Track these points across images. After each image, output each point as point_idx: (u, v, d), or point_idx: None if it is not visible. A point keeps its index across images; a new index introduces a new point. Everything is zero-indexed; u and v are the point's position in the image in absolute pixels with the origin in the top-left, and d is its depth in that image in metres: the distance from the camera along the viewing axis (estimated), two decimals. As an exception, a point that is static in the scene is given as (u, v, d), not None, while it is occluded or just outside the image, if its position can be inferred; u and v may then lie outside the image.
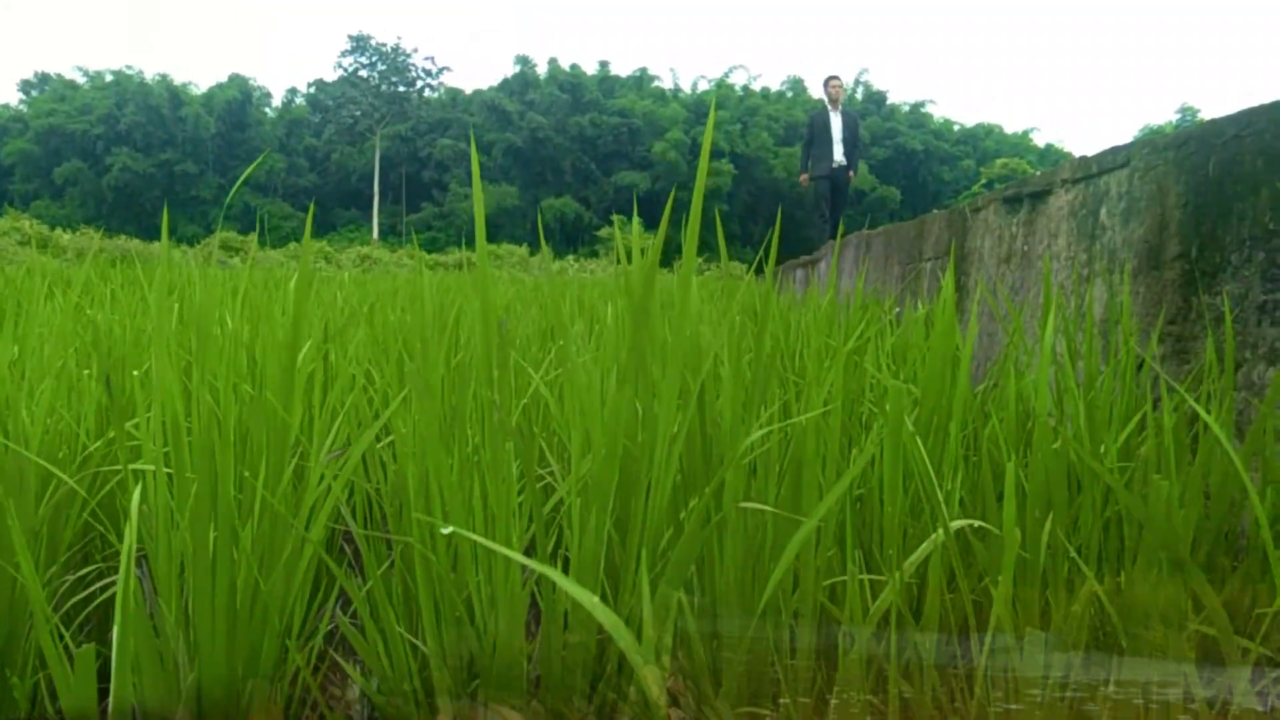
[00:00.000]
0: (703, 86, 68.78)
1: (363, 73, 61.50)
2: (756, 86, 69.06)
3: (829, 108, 11.04)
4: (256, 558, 0.97)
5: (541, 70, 64.87)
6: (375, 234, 57.15)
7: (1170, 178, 2.24)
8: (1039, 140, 73.33)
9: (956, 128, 71.78)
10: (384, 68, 61.65)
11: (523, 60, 64.80)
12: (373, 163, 59.56)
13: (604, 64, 67.00)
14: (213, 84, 64.95)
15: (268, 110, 66.70)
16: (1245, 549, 1.51)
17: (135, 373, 1.35)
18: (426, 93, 63.84)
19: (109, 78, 61.44)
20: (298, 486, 1.26)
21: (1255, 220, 1.86)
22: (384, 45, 61.60)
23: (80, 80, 62.84)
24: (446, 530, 0.54)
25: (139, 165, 55.80)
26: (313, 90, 64.95)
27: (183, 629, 0.99)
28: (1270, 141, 1.85)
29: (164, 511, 1.05)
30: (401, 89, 61.99)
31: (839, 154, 10.92)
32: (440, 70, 64.42)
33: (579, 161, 61.43)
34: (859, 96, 67.10)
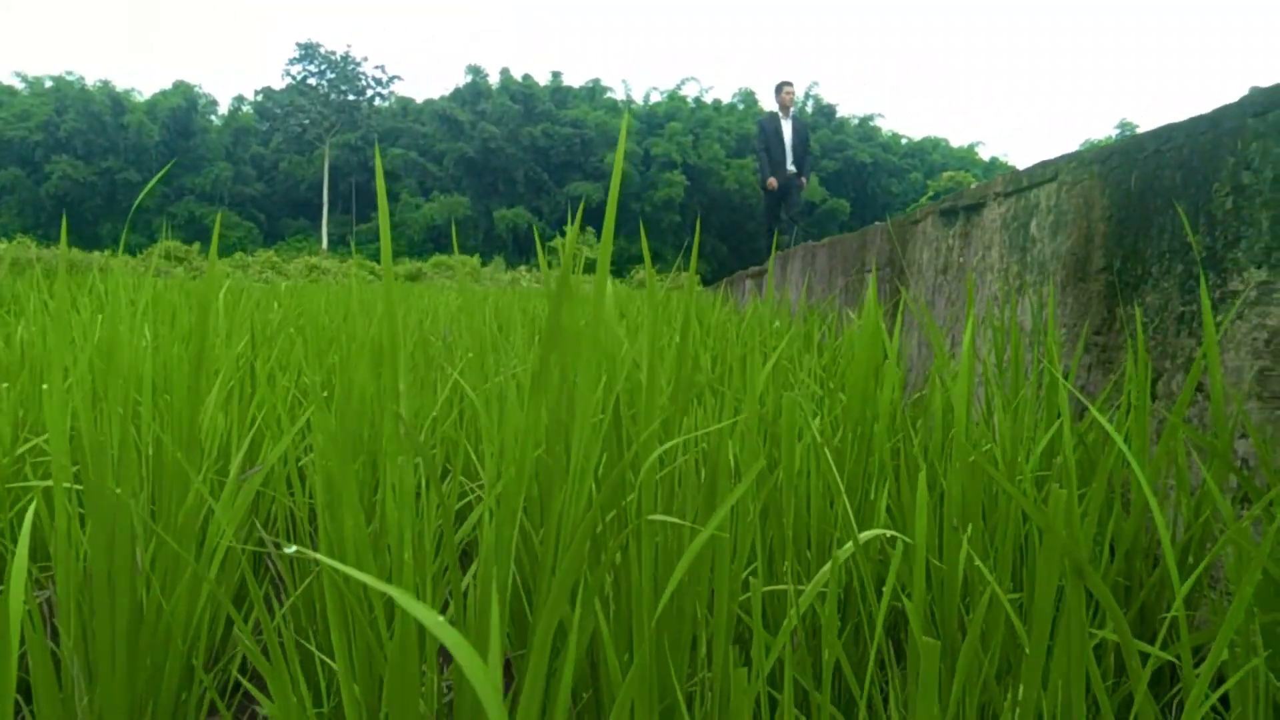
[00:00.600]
0: (655, 98, 69.10)
1: (311, 81, 60.77)
2: (708, 99, 69.54)
3: (780, 115, 10.95)
4: (159, 577, 0.95)
5: (493, 80, 64.68)
6: (324, 244, 56.46)
7: (1095, 191, 2.29)
8: (984, 154, 74.81)
9: (904, 141, 72.95)
10: (333, 76, 60.97)
11: (474, 70, 64.56)
12: (321, 172, 58.83)
13: (556, 74, 67.00)
14: (156, 91, 63.67)
15: (213, 118, 65.60)
16: (1162, 556, 1.54)
17: (44, 386, 1.30)
18: (377, 101, 63.28)
19: (48, 84, 59.93)
20: (215, 501, 1.23)
21: (1174, 233, 1.91)
22: (333, 53, 60.96)
23: (18, 86, 61.21)
24: (290, 549, 0.53)
25: (79, 173, 54.47)
26: (260, 98, 64.06)
27: (81, 651, 0.96)
28: (1187, 156, 1.90)
29: (67, 530, 1.02)
30: (351, 97, 61.37)
31: (790, 161, 10.85)
32: (391, 79, 63.89)
33: (531, 172, 61.27)
34: (809, 109, 67.89)
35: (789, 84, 11.04)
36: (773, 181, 10.81)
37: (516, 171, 60.84)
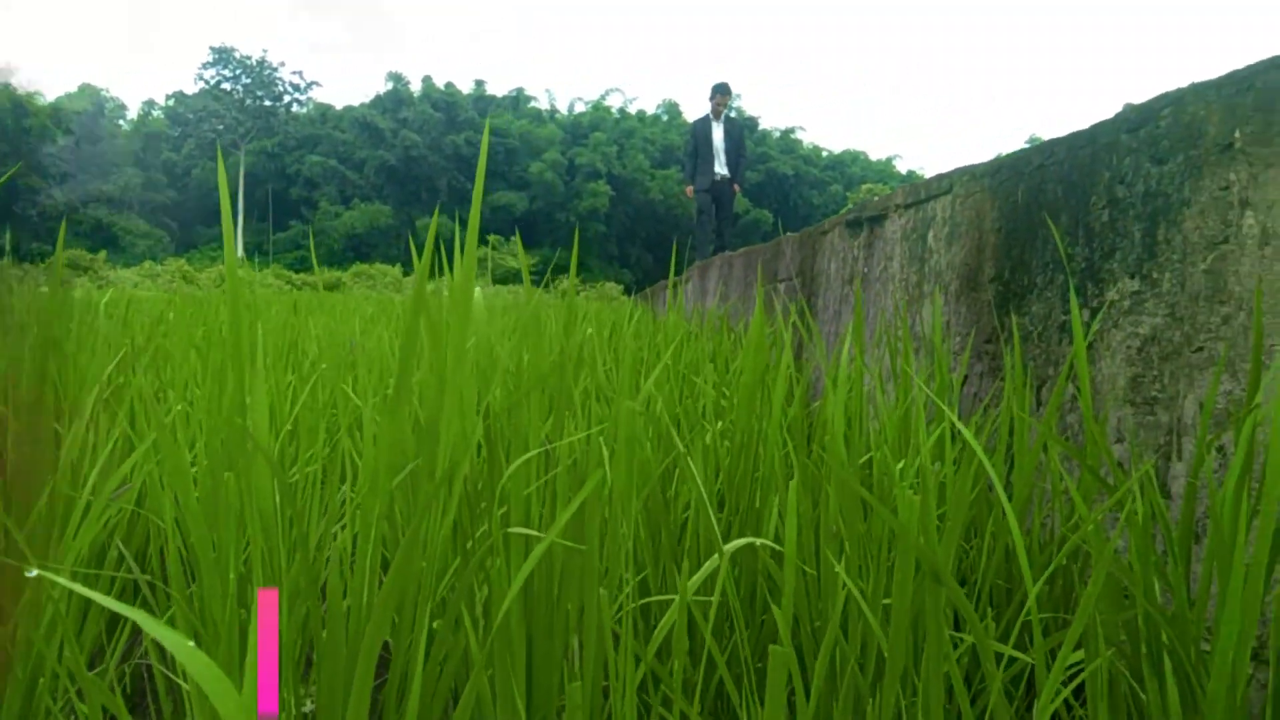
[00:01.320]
0: (579, 108, 69.11)
1: (225, 86, 59.23)
2: (633, 109, 69.82)
3: (711, 118, 10.80)
4: (-4, 604, 0.90)
5: (415, 88, 63.93)
6: (240, 252, 54.97)
7: (986, 204, 2.35)
8: (901, 167, 76.69)
9: (825, 154, 74.28)
10: (249, 81, 59.54)
11: (395, 77, 63.70)
12: (236, 179, 57.30)
13: (479, 83, 66.56)
14: (60, 94, 61.33)
15: (122, 123, 63.40)
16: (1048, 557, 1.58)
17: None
18: (294, 108, 61.96)
19: (-57, 85, 57.16)
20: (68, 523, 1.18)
21: (1057, 245, 1.97)
22: (249, 58, 59.52)
23: (-90, 87, 58.23)
24: (31, 573, 0.50)
25: (-23, 178, 51.96)
26: (171, 103, 62.21)
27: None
28: (1068, 171, 1.96)
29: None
30: (268, 103, 59.98)
31: (720, 166, 10.71)
32: (309, 85, 62.63)
33: (455, 180, 60.64)
34: (740, 134, 68.49)
35: (723, 89, 10.79)
36: (690, 189, 10.79)
37: (439, 180, 60.15)
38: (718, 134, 10.70)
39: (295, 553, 0.97)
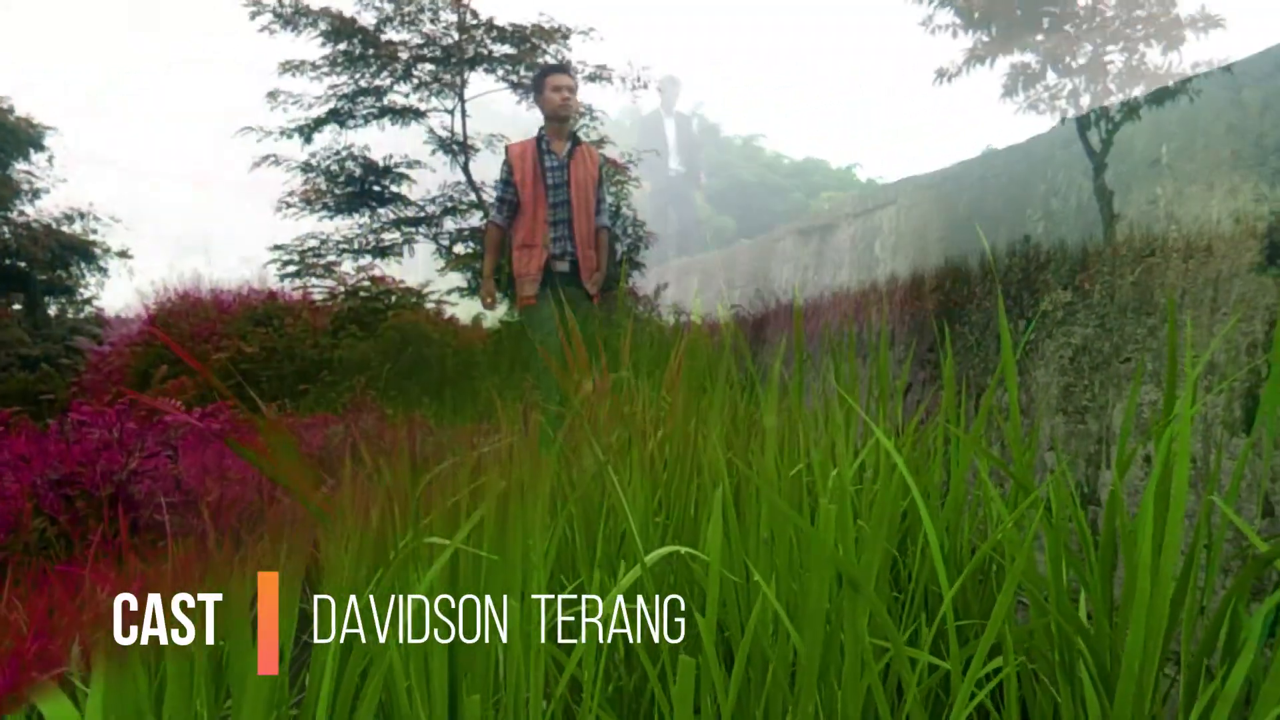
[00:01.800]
0: (542, 114, 68.80)
1: (183, 86, 58.32)
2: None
3: (662, 113, 10.40)
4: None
5: (377, 91, 63.32)
6: (196, 255, 54.09)
7: (930, 215, 2.39)
8: (862, 175, 77.21)
9: (786, 161, 74.61)
10: (207, 81, 58.63)
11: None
12: (194, 180, 56.35)
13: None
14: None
15: (75, 121, 62.11)
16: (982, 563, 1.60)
17: None
18: (253, 109, 61.10)
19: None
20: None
21: (995, 256, 2.01)
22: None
23: None
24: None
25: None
26: (127, 102, 61.13)
27: None
28: (1006, 184, 2.00)
29: None
30: (226, 104, 59.08)
31: (674, 162, 10.33)
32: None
33: (416, 186, 60.10)
34: (694, 128, 68.61)
35: (673, 81, 10.46)
36: (646, 185, 10.53)
37: (402, 184, 59.62)
38: (670, 129, 10.31)
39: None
